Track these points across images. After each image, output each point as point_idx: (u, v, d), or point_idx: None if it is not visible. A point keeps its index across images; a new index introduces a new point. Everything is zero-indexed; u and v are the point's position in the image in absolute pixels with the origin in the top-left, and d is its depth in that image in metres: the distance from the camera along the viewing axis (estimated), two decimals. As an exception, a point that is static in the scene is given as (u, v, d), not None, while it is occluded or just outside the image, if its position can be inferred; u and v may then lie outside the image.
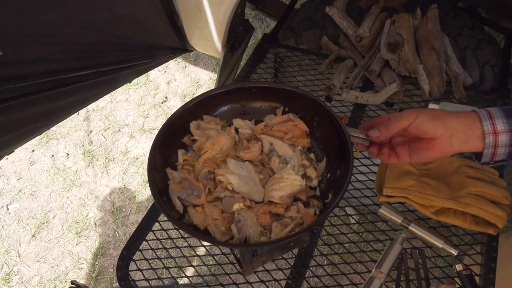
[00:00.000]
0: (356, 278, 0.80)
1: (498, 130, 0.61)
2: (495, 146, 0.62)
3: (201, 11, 1.19)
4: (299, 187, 0.75)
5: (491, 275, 0.75)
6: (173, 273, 1.57)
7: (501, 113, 0.62)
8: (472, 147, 0.63)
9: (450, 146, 0.63)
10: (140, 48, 1.21)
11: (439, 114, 0.63)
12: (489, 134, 0.61)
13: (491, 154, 0.63)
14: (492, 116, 0.62)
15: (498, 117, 0.61)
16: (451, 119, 0.62)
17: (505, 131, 0.61)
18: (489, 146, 0.62)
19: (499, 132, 0.61)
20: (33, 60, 0.89)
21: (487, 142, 0.62)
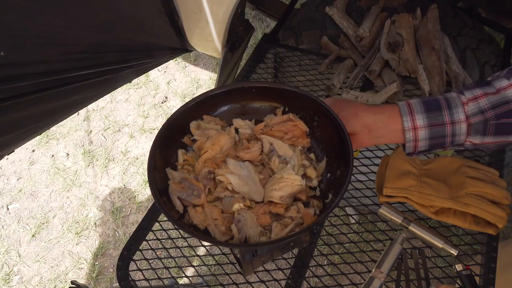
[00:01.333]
0: (356, 278, 0.80)
1: (417, 126, 0.65)
2: (415, 140, 0.66)
3: (201, 11, 1.19)
4: (299, 187, 0.75)
5: (491, 275, 0.75)
6: (173, 273, 1.57)
7: (421, 107, 0.65)
8: (389, 140, 0.68)
9: (366, 140, 0.68)
10: (140, 48, 1.21)
11: (357, 111, 0.67)
12: (409, 130, 0.65)
13: (413, 147, 0.67)
14: (412, 111, 0.65)
15: (418, 112, 0.65)
16: (367, 116, 0.66)
17: (424, 126, 0.65)
18: (409, 140, 0.66)
19: (418, 128, 0.65)
20: (34, 61, 0.89)
21: (408, 137, 0.66)
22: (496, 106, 0.63)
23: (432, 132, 0.65)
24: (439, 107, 0.64)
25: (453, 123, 0.64)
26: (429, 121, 0.64)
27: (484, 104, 0.63)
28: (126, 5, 1.07)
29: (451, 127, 0.64)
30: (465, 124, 0.64)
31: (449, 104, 0.64)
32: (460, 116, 0.63)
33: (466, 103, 0.64)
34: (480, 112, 0.63)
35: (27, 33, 0.83)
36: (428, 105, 0.65)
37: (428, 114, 0.64)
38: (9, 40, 0.80)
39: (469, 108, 0.63)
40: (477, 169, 0.82)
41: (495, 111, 0.63)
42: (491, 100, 0.63)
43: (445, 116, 0.64)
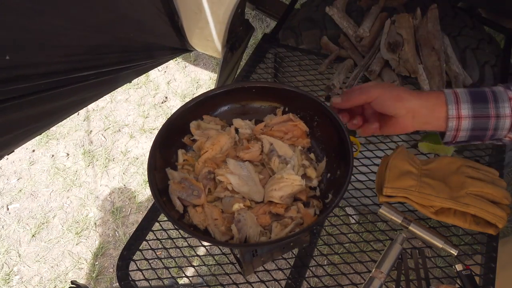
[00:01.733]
0: (356, 278, 0.80)
1: (462, 115, 0.63)
2: (457, 130, 0.65)
3: (201, 11, 1.19)
4: (299, 187, 0.75)
5: (491, 275, 0.75)
6: (173, 273, 1.57)
7: (468, 97, 0.64)
8: (432, 127, 0.67)
9: (410, 125, 0.67)
10: (140, 48, 1.21)
11: (401, 94, 0.65)
12: (452, 119, 0.64)
13: (453, 136, 0.66)
14: (458, 100, 0.64)
15: (464, 102, 0.63)
16: (412, 101, 0.65)
17: (469, 116, 0.63)
18: (451, 129, 0.65)
19: (462, 117, 0.64)
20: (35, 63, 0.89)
21: (450, 126, 0.64)
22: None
23: (475, 123, 0.64)
24: (485, 99, 0.63)
25: (498, 117, 0.63)
26: (474, 112, 0.63)
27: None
28: (126, 5, 1.07)
29: (495, 120, 0.63)
30: (509, 120, 0.63)
31: (496, 98, 0.63)
32: (506, 111, 0.63)
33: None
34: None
35: (27, 33, 0.83)
36: (474, 96, 0.64)
37: (474, 105, 0.63)
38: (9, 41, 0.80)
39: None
40: (477, 169, 0.82)
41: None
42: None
43: (490, 109, 0.63)
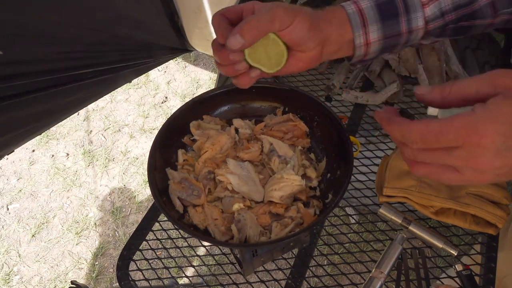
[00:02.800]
0: (356, 278, 0.80)
1: (370, 40, 0.55)
2: (365, 54, 0.57)
3: (201, 11, 1.19)
4: (299, 187, 0.75)
5: (491, 275, 0.75)
6: (173, 273, 1.57)
7: (376, 14, 0.54)
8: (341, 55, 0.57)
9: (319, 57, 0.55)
10: (139, 47, 1.21)
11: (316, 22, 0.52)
12: (360, 47, 0.55)
13: (358, 61, 0.59)
14: (365, 21, 0.54)
15: (373, 22, 0.54)
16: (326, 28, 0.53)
17: (378, 39, 0.55)
18: (359, 55, 0.57)
19: (371, 43, 0.55)
20: (33, 60, 0.89)
21: (358, 54, 0.56)
22: (459, 7, 0.55)
23: (386, 43, 0.56)
24: (395, 11, 0.54)
25: (410, 32, 0.55)
26: (384, 32, 0.54)
27: (446, 5, 0.55)
28: (122, 3, 1.07)
29: (407, 36, 0.56)
30: (422, 31, 0.56)
31: (407, 8, 0.54)
32: (419, 23, 0.55)
33: (426, 4, 0.54)
34: (441, 14, 0.55)
35: (21, 29, 0.83)
36: (383, 12, 0.54)
37: (384, 23, 0.54)
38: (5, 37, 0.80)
39: (429, 11, 0.55)
40: (477, 169, 0.82)
41: (456, 13, 0.55)
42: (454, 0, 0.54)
43: (401, 24, 0.54)
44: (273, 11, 0.48)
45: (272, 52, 0.52)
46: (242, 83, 0.55)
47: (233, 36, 0.48)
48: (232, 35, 0.48)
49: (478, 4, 0.55)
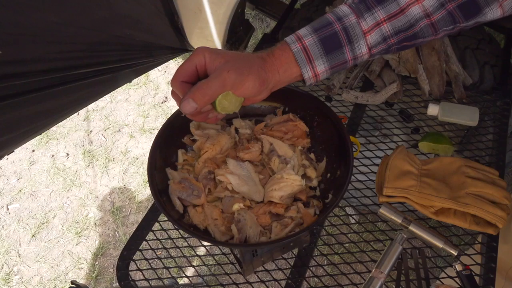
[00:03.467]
0: (356, 278, 0.80)
1: (318, 72, 0.58)
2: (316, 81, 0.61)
3: (201, 11, 1.19)
4: (299, 187, 0.75)
5: (491, 275, 0.75)
6: (173, 273, 1.57)
7: (321, 49, 0.56)
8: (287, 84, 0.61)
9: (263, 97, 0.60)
10: (139, 47, 1.21)
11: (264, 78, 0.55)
12: (310, 79, 0.59)
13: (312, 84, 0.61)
14: (311, 57, 0.57)
15: (318, 57, 0.57)
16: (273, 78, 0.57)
17: (326, 70, 0.58)
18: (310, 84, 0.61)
19: (319, 74, 0.58)
20: (32, 59, 0.89)
21: (308, 83, 0.60)
22: (400, 31, 0.57)
23: (334, 71, 0.59)
24: (339, 44, 0.56)
25: (355, 58, 0.58)
26: (330, 63, 0.57)
27: (387, 31, 0.57)
28: (124, 4, 1.07)
29: (353, 62, 0.59)
30: (367, 56, 0.59)
31: (350, 38, 0.56)
32: (363, 49, 0.57)
33: (368, 33, 0.56)
34: (383, 40, 0.57)
35: (20, 28, 0.83)
36: (327, 46, 0.56)
37: (329, 56, 0.57)
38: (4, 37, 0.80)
39: (371, 38, 0.57)
40: (477, 169, 0.82)
41: (398, 37, 0.57)
42: (395, 25, 0.56)
43: (346, 54, 0.57)
44: (223, 77, 0.51)
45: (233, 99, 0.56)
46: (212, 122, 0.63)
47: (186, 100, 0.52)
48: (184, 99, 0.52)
49: (418, 26, 0.57)
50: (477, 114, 0.97)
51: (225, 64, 0.52)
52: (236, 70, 0.51)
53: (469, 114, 0.97)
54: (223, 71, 0.51)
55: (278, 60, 0.57)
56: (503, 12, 0.57)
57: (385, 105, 1.08)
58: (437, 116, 0.99)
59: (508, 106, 1.02)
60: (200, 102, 0.52)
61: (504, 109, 1.02)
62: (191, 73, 0.54)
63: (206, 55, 0.52)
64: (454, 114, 0.98)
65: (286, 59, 0.57)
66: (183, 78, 0.53)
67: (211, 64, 0.52)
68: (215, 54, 0.53)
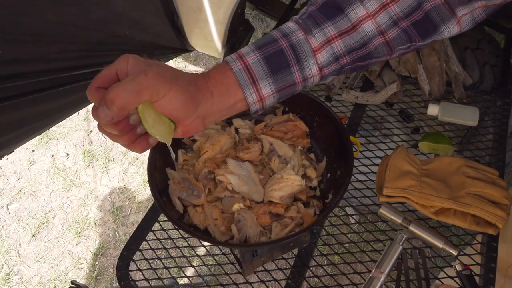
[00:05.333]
0: (356, 278, 0.80)
1: (264, 95, 0.51)
2: (262, 108, 0.53)
3: (201, 11, 1.19)
4: (299, 187, 0.75)
5: (491, 275, 0.75)
6: (173, 273, 1.57)
7: (266, 69, 0.50)
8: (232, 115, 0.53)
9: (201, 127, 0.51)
10: (139, 47, 1.21)
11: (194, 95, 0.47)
12: (254, 103, 0.51)
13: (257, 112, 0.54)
14: (255, 78, 0.49)
15: (263, 78, 0.50)
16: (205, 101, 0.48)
17: (272, 93, 0.51)
18: (255, 110, 0.53)
19: (265, 98, 0.51)
20: (32, 59, 0.89)
21: (253, 109, 0.52)
22: (353, 50, 0.52)
23: (281, 94, 0.52)
24: (286, 63, 0.50)
25: (304, 80, 0.52)
26: (277, 85, 0.51)
27: (339, 49, 0.51)
28: (121, 3, 1.07)
29: (302, 84, 0.52)
30: (318, 77, 0.53)
31: (298, 57, 0.50)
32: (313, 69, 0.51)
33: (318, 51, 0.51)
34: (335, 59, 0.52)
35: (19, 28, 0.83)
36: (273, 65, 0.50)
37: (275, 77, 0.50)
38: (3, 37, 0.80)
39: (322, 57, 0.51)
40: (477, 169, 0.82)
41: (351, 56, 0.52)
42: (347, 43, 0.51)
43: (294, 74, 0.51)
44: (139, 81, 0.42)
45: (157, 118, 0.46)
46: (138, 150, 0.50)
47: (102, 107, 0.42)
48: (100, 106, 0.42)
49: (372, 45, 0.52)
50: (477, 114, 0.97)
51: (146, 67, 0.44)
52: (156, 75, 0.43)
53: (469, 114, 0.97)
54: (141, 73, 0.43)
55: (213, 80, 0.49)
56: (460, 29, 0.53)
57: (385, 105, 1.08)
58: (437, 116, 0.99)
59: (508, 106, 1.02)
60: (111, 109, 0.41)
61: (504, 109, 1.02)
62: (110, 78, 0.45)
63: (130, 60, 0.45)
64: (454, 114, 0.98)
65: (223, 79, 0.49)
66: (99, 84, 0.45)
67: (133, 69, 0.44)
68: (140, 60, 0.45)
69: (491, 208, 0.75)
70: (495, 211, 0.75)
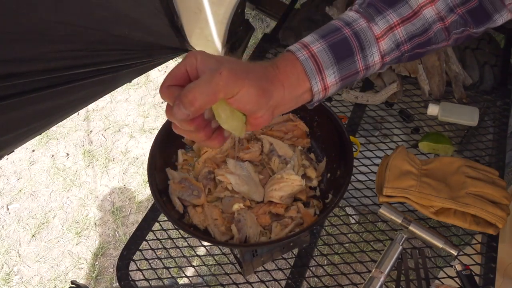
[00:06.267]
0: (356, 278, 0.80)
1: (328, 85, 0.51)
2: (323, 97, 0.53)
3: (202, 11, 1.19)
4: (299, 187, 0.75)
5: (491, 275, 0.75)
6: (173, 273, 1.57)
7: (331, 57, 0.50)
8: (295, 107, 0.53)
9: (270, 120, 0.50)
10: (139, 47, 1.21)
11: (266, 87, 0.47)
12: (319, 93, 0.51)
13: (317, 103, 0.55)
14: (321, 67, 0.50)
15: (328, 66, 0.50)
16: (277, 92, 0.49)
17: (336, 82, 0.51)
18: (318, 100, 0.53)
19: (329, 87, 0.51)
20: (29, 58, 0.89)
21: (316, 99, 0.53)
22: (414, 36, 0.53)
23: (343, 83, 0.52)
24: (351, 51, 0.51)
25: (367, 68, 0.52)
26: (341, 73, 0.51)
27: (401, 36, 0.52)
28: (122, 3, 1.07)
29: (364, 72, 0.53)
30: (379, 65, 0.53)
31: (362, 44, 0.51)
32: (375, 57, 0.52)
33: (381, 38, 0.51)
34: (396, 46, 0.52)
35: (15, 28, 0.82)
36: (337, 53, 0.50)
37: (340, 66, 0.51)
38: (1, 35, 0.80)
39: (385, 44, 0.52)
40: (477, 169, 0.82)
41: (411, 43, 0.53)
42: (409, 30, 0.52)
43: (358, 62, 0.51)
44: (215, 81, 0.43)
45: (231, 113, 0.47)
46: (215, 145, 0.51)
47: (177, 106, 0.43)
48: (175, 105, 0.43)
49: (432, 31, 0.54)
50: (477, 114, 0.97)
51: (218, 64, 0.45)
52: (229, 72, 0.44)
53: (469, 114, 0.97)
54: (215, 72, 0.43)
55: (283, 72, 0.50)
56: None
57: (385, 105, 1.08)
58: (437, 116, 0.99)
59: (508, 106, 1.02)
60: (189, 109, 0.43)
61: (504, 109, 1.02)
62: (181, 76, 0.46)
63: (198, 57, 0.46)
64: (454, 114, 0.98)
65: (292, 69, 0.50)
66: (171, 82, 0.46)
67: (202, 65, 0.45)
68: (208, 56, 0.46)
69: (491, 208, 0.75)
70: (495, 211, 0.75)
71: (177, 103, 0.43)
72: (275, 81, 0.49)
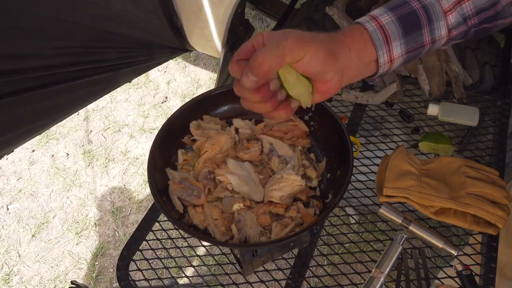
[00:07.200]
0: (356, 278, 0.80)
1: (394, 57, 0.51)
2: (388, 70, 0.54)
3: (201, 11, 1.19)
4: (299, 187, 0.75)
5: (491, 275, 0.75)
6: (173, 273, 1.57)
7: (399, 29, 0.50)
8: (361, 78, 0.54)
9: (338, 86, 0.50)
10: (138, 46, 1.21)
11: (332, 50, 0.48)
12: (384, 65, 0.52)
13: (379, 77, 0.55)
14: (388, 38, 0.50)
15: (396, 38, 0.50)
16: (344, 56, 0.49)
17: (402, 54, 0.52)
18: (382, 73, 0.54)
19: (395, 59, 0.52)
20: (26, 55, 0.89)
21: (380, 72, 0.53)
22: (482, 10, 0.53)
23: (408, 57, 0.53)
24: (418, 23, 0.51)
25: (433, 41, 0.52)
26: (408, 46, 0.51)
27: (469, 10, 0.52)
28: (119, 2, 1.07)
29: (430, 46, 0.53)
30: (445, 39, 0.53)
31: (430, 18, 0.51)
32: (442, 31, 0.52)
33: (449, 12, 0.51)
34: (464, 20, 0.52)
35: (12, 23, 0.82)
36: (406, 25, 0.51)
37: (407, 38, 0.51)
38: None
39: (452, 18, 0.52)
40: (477, 169, 0.82)
41: (478, 17, 0.53)
42: (477, 4, 0.52)
43: (424, 35, 0.51)
44: (282, 45, 0.44)
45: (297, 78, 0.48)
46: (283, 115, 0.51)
47: (245, 74, 0.45)
48: (244, 74, 0.45)
49: (501, 5, 0.53)
50: (477, 114, 0.97)
51: (284, 33, 0.45)
52: (296, 37, 0.45)
53: (469, 114, 0.97)
54: (282, 38, 0.44)
55: (350, 37, 0.50)
56: None
57: (385, 105, 1.07)
58: (437, 116, 0.99)
59: (508, 106, 1.02)
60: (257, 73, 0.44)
61: (504, 109, 1.02)
62: (248, 50, 0.47)
63: (265, 34, 0.47)
64: (454, 114, 0.98)
65: (360, 36, 0.50)
66: (239, 57, 0.47)
67: (268, 39, 0.46)
68: (275, 32, 0.47)
69: (491, 208, 0.75)
70: (495, 211, 0.75)
71: (246, 71, 0.44)
72: (341, 43, 0.49)
